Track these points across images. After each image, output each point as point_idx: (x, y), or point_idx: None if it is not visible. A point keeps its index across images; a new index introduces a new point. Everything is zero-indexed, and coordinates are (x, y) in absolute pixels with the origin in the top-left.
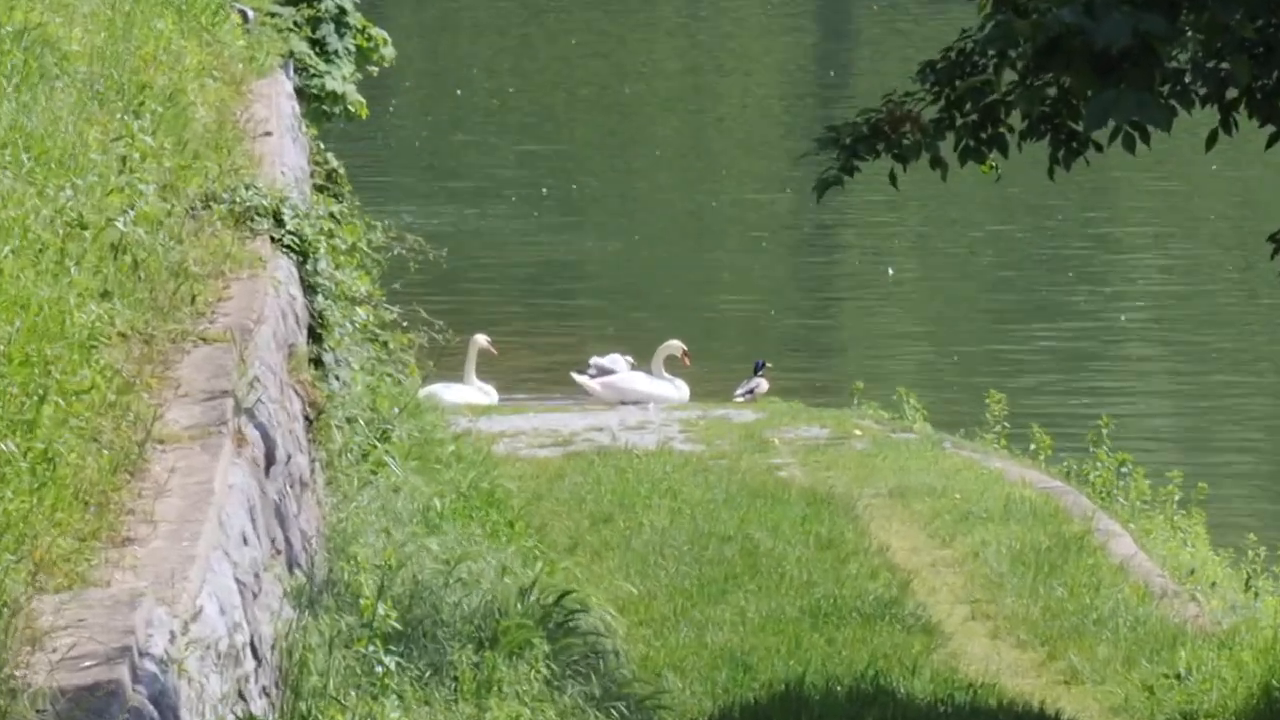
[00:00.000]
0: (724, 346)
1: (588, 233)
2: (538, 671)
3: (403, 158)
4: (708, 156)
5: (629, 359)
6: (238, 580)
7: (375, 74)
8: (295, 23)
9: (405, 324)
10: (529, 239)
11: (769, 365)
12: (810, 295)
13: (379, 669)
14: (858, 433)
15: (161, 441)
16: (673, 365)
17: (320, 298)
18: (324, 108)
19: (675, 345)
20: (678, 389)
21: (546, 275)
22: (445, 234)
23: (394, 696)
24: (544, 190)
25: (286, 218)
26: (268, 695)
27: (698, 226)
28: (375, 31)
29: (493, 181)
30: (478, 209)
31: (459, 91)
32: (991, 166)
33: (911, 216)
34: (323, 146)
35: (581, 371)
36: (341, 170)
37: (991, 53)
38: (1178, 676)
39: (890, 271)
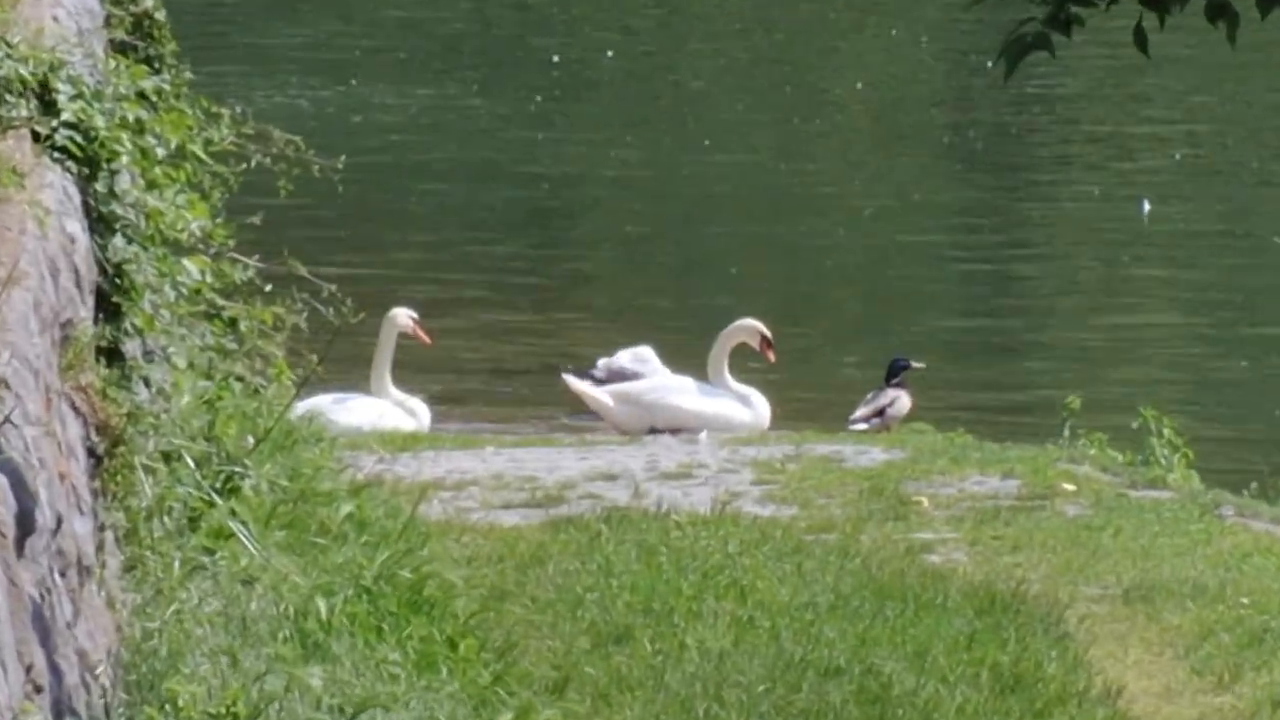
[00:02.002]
0: (830, 336)
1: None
2: None
3: None
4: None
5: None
6: None
7: None
8: None
9: (271, 289)
10: (495, 143)
11: (915, 366)
12: (978, 257)
13: None
14: (1069, 488)
15: None
16: (744, 365)
17: (120, 241)
18: None
19: (749, 327)
20: (750, 407)
21: (523, 208)
22: (346, 131)
23: None
24: (550, 60)
25: (61, 98)
26: None
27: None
28: None
29: (434, 44)
30: (403, 89)
31: None
32: None
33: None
34: None
35: (583, 374)
36: (162, 16)
37: None
38: None
39: (1145, 208)
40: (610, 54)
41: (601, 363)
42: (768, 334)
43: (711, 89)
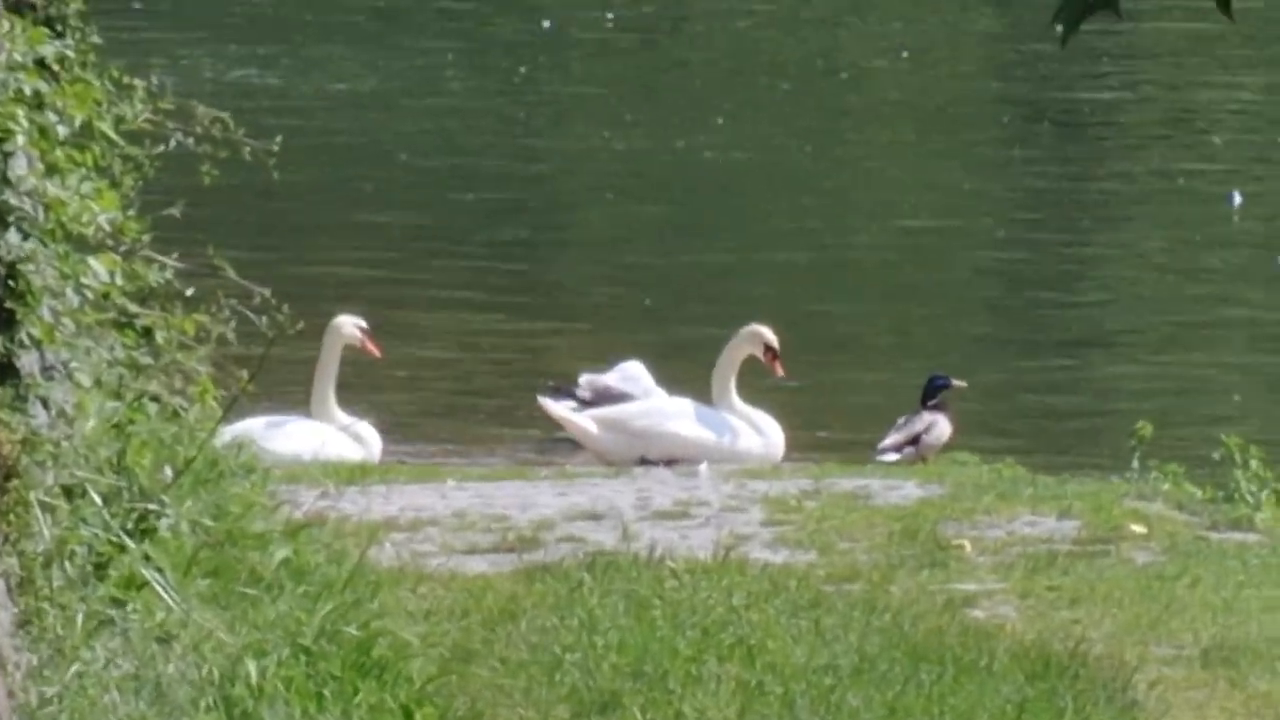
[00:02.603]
0: (857, 351)
1: (597, 125)
2: None
3: None
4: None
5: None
6: None
7: None
8: None
9: (193, 293)
10: (468, 122)
11: (956, 385)
12: (1035, 257)
13: None
14: (1139, 530)
15: None
16: (754, 385)
17: (14, 236)
18: None
19: (753, 335)
20: (760, 434)
21: (497, 199)
22: (287, 107)
23: None
24: (540, 25)
25: None
26: None
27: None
28: None
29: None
30: (361, 57)
31: None
32: None
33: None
34: None
35: (562, 395)
36: None
37: None
38: None
39: (1236, 200)
40: (610, 17)
41: (584, 381)
42: (774, 343)
43: (727, 59)
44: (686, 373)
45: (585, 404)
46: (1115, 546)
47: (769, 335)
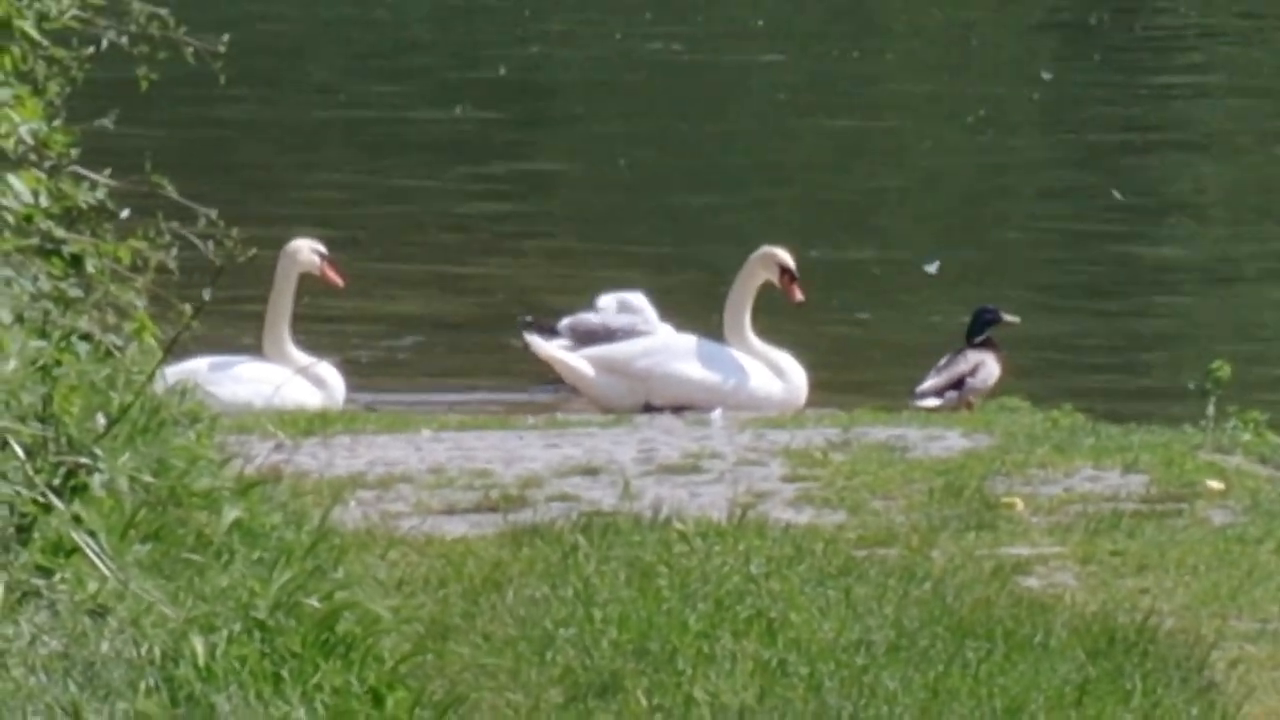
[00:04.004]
0: (891, 281)
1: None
2: None
3: None
4: None
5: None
6: None
7: None
8: None
9: (129, 216)
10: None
11: (1008, 320)
12: (1096, 172)
13: None
14: (1216, 485)
15: None
16: (773, 324)
17: None
18: None
19: (766, 257)
20: (781, 376)
21: (476, 109)
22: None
23: None
24: None
25: None
26: None
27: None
28: None
29: None
30: None
31: None
32: None
33: None
34: None
35: (551, 332)
36: None
37: None
38: None
39: None
40: None
41: (568, 320)
42: (790, 264)
43: None
44: (695, 308)
45: (576, 344)
46: (1189, 505)
47: (784, 256)
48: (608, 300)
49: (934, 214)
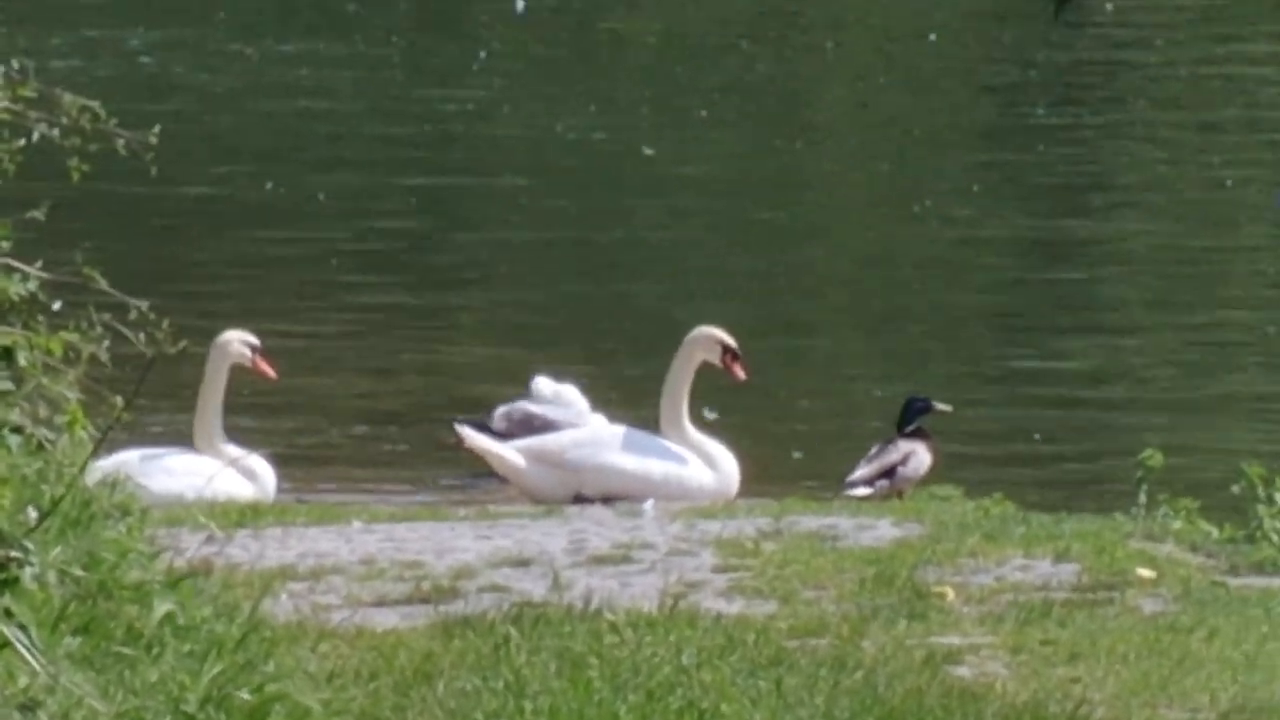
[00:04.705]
0: (823, 368)
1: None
2: None
3: None
4: None
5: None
6: None
7: None
8: None
9: (60, 307)
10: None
11: (938, 409)
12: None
13: None
14: (1147, 574)
15: None
16: (695, 408)
17: None
18: None
19: (705, 338)
20: (712, 466)
21: (410, 196)
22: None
23: None
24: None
25: None
26: None
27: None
28: None
29: None
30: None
31: None
32: None
33: None
34: None
35: (482, 425)
36: None
37: None
38: None
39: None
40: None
41: (499, 411)
42: (731, 343)
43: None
44: (626, 399)
45: (505, 436)
46: (1120, 594)
47: (722, 334)
48: (543, 382)
49: (866, 299)
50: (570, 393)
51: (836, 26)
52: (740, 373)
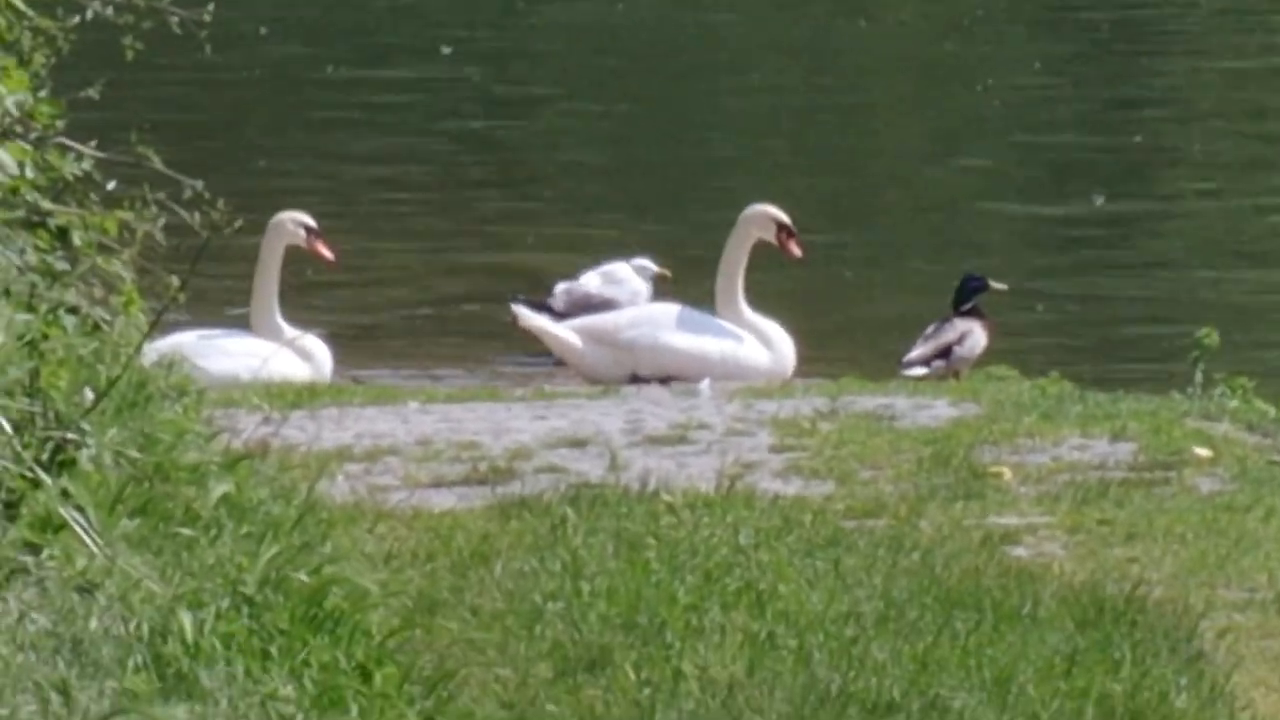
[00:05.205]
0: (878, 248)
1: None
2: None
3: None
4: None
5: (650, 268)
6: None
7: None
8: None
9: (115, 187)
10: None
11: (995, 287)
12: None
13: None
14: (1204, 453)
15: None
16: (759, 291)
17: None
18: None
19: (759, 216)
20: (768, 345)
21: (464, 78)
22: None
23: None
24: None
25: None
26: None
27: None
28: None
29: None
30: None
31: None
32: None
33: None
34: None
35: (539, 304)
36: None
37: None
38: None
39: None
40: None
41: (559, 290)
42: (785, 219)
43: None
44: (683, 276)
45: (561, 315)
46: (1177, 473)
47: (777, 212)
48: (597, 272)
49: (920, 186)
50: (622, 270)
51: None
52: (796, 250)
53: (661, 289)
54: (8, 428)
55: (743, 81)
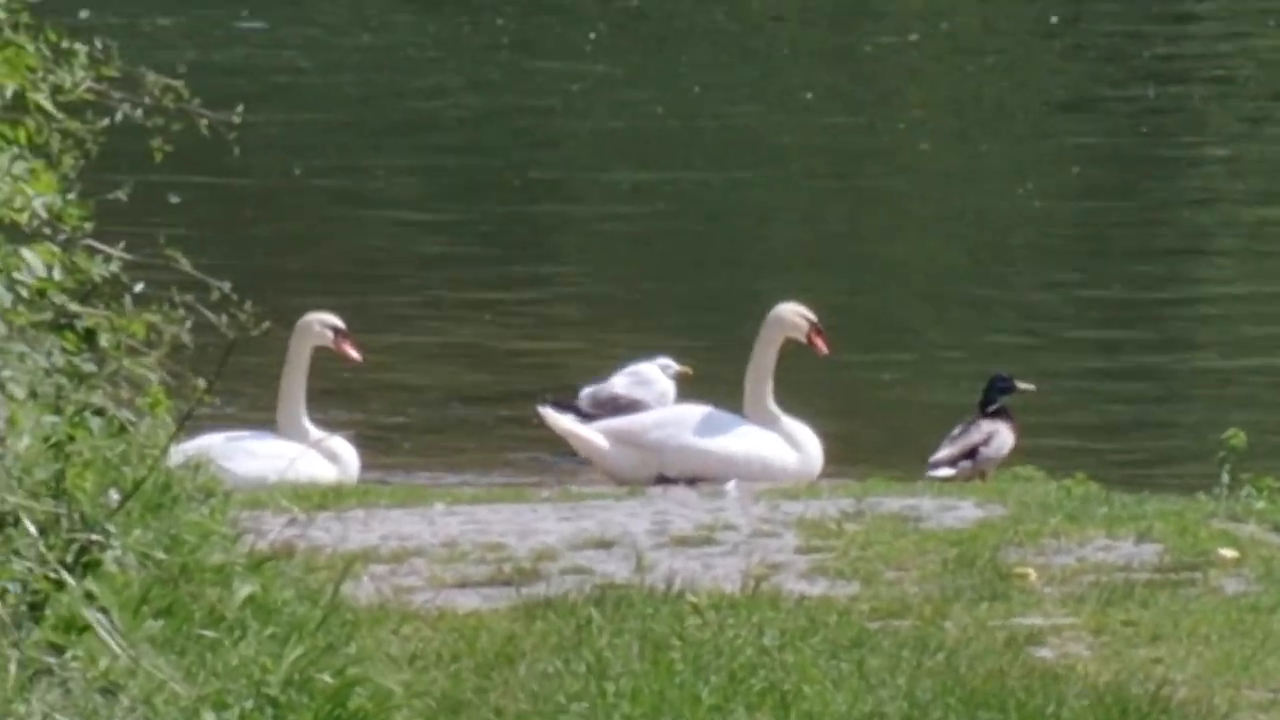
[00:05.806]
0: (906, 350)
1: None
2: None
3: None
4: None
5: (672, 366)
6: None
7: None
8: None
9: (143, 289)
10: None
11: (1021, 388)
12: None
13: None
14: (1230, 554)
15: None
16: (785, 392)
17: None
18: None
19: (787, 317)
20: (795, 446)
21: (490, 176)
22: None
23: None
24: None
25: None
26: None
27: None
28: None
29: None
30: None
31: None
32: None
33: None
34: None
35: (566, 405)
36: None
37: None
38: None
39: None
40: None
41: (585, 394)
42: (811, 316)
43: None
44: (709, 376)
45: (589, 417)
46: (1202, 574)
47: (806, 311)
48: (624, 374)
49: (945, 276)
50: (650, 371)
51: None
52: (823, 346)
53: (684, 387)
54: (33, 529)
55: (772, 178)
